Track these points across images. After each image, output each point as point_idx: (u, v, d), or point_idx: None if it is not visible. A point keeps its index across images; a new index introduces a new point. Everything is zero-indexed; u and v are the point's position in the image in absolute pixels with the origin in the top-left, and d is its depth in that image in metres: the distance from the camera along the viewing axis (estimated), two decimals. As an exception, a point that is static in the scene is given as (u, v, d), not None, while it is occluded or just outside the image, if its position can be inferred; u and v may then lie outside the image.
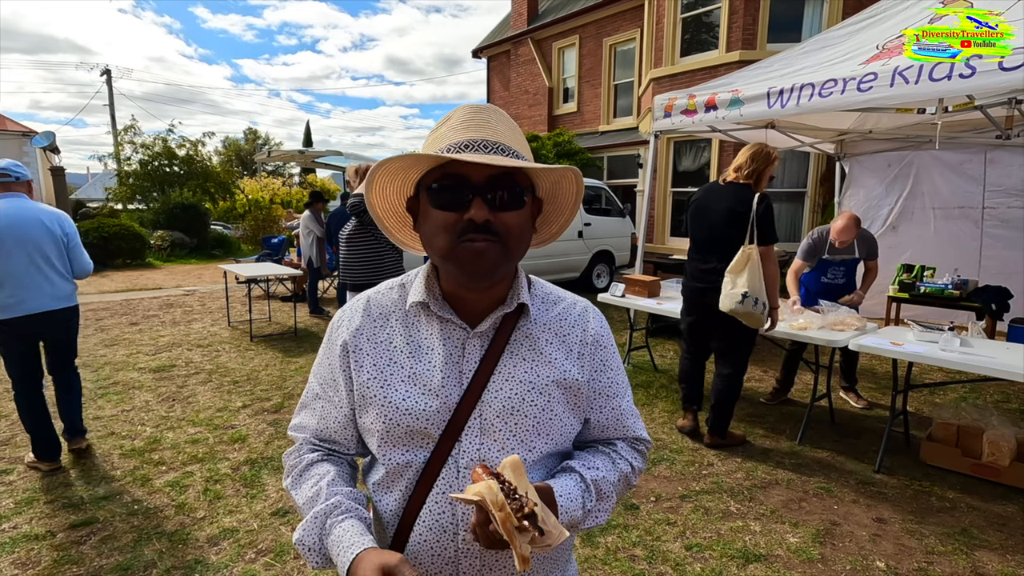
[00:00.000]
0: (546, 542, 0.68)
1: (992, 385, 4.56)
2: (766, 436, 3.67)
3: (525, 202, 0.82)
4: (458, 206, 0.78)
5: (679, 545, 2.50)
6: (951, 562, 2.39)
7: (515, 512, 0.66)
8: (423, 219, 0.84)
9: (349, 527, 0.78)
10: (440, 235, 0.79)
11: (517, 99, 16.05)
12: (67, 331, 3.15)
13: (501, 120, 0.84)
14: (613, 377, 0.95)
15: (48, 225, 2.99)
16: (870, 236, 4.18)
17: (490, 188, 0.78)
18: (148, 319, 7.10)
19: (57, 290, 3.02)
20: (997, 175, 5.33)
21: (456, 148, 0.78)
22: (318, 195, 7.50)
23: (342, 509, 0.81)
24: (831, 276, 4.15)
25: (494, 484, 0.68)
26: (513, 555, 0.66)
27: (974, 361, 2.87)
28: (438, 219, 0.79)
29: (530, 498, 0.69)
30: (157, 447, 3.43)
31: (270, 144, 38.78)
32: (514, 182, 0.80)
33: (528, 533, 0.67)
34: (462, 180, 0.78)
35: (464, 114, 0.83)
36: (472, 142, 0.79)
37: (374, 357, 0.87)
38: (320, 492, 0.83)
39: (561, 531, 0.71)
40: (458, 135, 0.80)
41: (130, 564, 2.32)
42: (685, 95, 4.45)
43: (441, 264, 0.83)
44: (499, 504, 0.66)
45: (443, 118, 0.86)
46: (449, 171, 0.79)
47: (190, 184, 16.10)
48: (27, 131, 22.93)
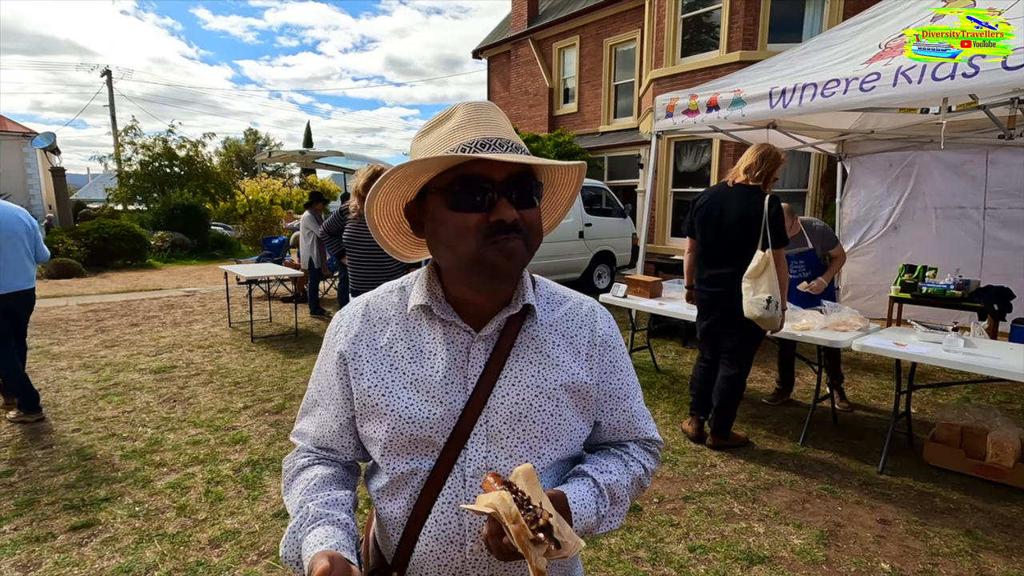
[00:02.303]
0: (562, 553, 0.66)
1: (995, 385, 4.55)
2: (769, 437, 3.66)
3: (538, 199, 0.81)
4: (481, 206, 0.75)
5: (683, 547, 2.49)
6: (956, 564, 2.38)
7: (530, 524, 0.64)
8: (435, 223, 0.80)
9: (312, 538, 0.77)
10: (463, 237, 0.76)
11: (517, 99, 16.04)
12: (31, 306, 3.87)
13: (502, 117, 0.82)
14: (623, 379, 0.93)
15: (24, 220, 3.73)
16: (821, 226, 4.18)
17: (512, 187, 0.76)
18: (149, 320, 7.09)
19: (30, 273, 3.75)
20: (999, 175, 5.32)
21: (472, 147, 0.75)
22: (318, 195, 7.50)
23: (310, 519, 0.80)
24: (793, 271, 4.11)
25: (507, 495, 0.66)
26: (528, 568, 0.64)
27: (978, 362, 2.86)
28: (460, 221, 0.76)
29: (545, 509, 0.67)
30: (158, 448, 3.42)
31: (270, 145, 38.79)
32: (530, 179, 0.79)
33: (543, 545, 0.64)
34: (483, 180, 0.75)
35: (469, 112, 0.80)
36: (488, 140, 0.76)
37: (374, 364, 0.85)
38: (300, 503, 0.83)
39: (577, 541, 0.69)
40: (469, 134, 0.77)
41: (131, 566, 2.31)
42: (687, 95, 4.44)
43: (464, 268, 0.79)
44: (513, 516, 0.64)
45: (439, 116, 0.83)
46: (467, 172, 0.75)
47: (190, 185, 16.11)
48: (28, 132, 22.99)
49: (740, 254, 3.20)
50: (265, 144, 39.89)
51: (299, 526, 0.79)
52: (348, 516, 0.82)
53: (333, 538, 0.76)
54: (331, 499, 0.83)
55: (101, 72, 23.43)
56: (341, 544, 0.75)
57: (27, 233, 3.70)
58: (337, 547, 0.74)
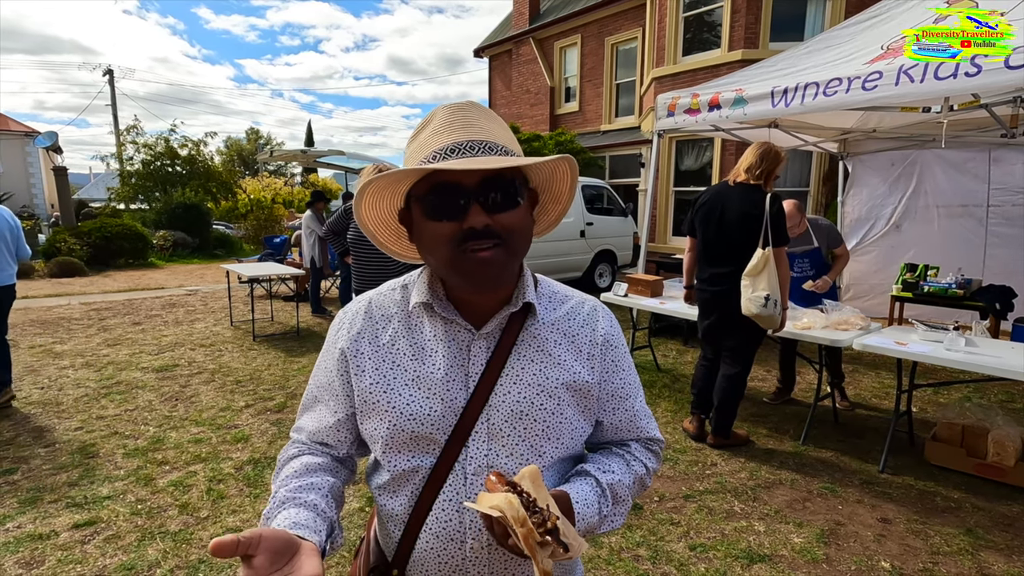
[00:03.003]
0: (568, 555, 0.66)
1: (996, 385, 4.54)
2: (769, 436, 3.66)
3: (522, 199, 0.79)
4: (454, 214, 0.74)
5: (683, 545, 2.49)
6: (956, 562, 2.38)
7: (537, 527, 0.64)
8: (418, 231, 0.80)
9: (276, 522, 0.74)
10: (440, 246, 0.76)
11: (519, 98, 16.04)
12: (11, 301, 4.12)
13: (483, 116, 0.80)
14: (625, 378, 0.93)
15: (8, 220, 4.04)
16: (827, 224, 4.17)
17: (484, 191, 0.74)
18: (151, 319, 7.11)
19: (11, 270, 4.05)
20: (1001, 174, 5.31)
21: (442, 154, 0.75)
22: (320, 194, 7.50)
23: (278, 503, 0.77)
24: (798, 270, 4.10)
25: (514, 498, 0.65)
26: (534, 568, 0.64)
27: (979, 361, 2.86)
28: (435, 230, 0.76)
29: (552, 512, 0.67)
30: (160, 447, 3.43)
31: (272, 144, 38.84)
32: (508, 180, 0.76)
33: (550, 547, 0.64)
34: (454, 188, 0.74)
35: (445, 116, 0.79)
36: (458, 145, 0.75)
37: (376, 361, 0.85)
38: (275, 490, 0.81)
39: (581, 542, 0.69)
40: (442, 139, 0.76)
41: (134, 564, 2.32)
42: (688, 94, 4.44)
43: (445, 274, 0.81)
44: (521, 520, 0.64)
45: (423, 121, 0.82)
46: (439, 179, 0.75)
47: (192, 184, 16.13)
48: (30, 131, 23.03)
49: (741, 253, 3.20)
50: (267, 143, 39.93)
51: (268, 511, 0.77)
52: (317, 496, 0.79)
53: (292, 519, 0.73)
54: (304, 484, 0.80)
55: (103, 71, 23.49)
56: (299, 523, 0.72)
57: (10, 231, 4.02)
58: (294, 527, 0.71)
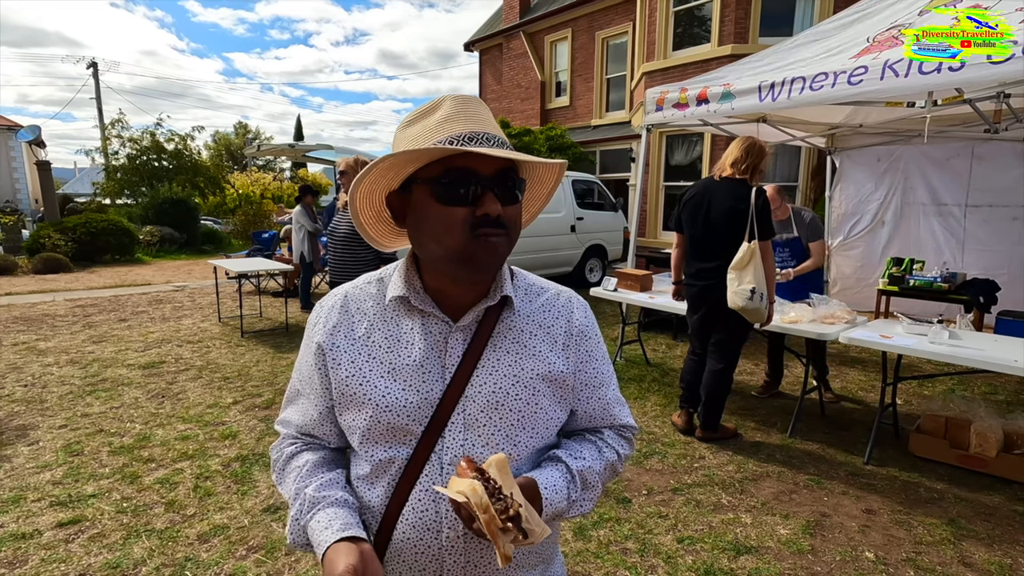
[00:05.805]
0: (528, 541, 0.70)
1: (980, 377, 4.61)
2: (757, 429, 3.69)
3: (521, 195, 0.83)
4: (468, 200, 0.77)
5: (671, 538, 2.51)
6: (939, 552, 2.42)
7: (499, 514, 0.68)
8: (420, 215, 0.81)
9: (316, 524, 0.80)
10: (450, 230, 0.77)
11: (509, 93, 15.99)
12: None
13: (488, 112, 0.84)
14: (599, 367, 0.95)
15: None
16: (810, 217, 4.19)
17: (498, 182, 0.78)
18: (137, 315, 7.03)
19: None
20: (983, 171, 5.37)
21: (461, 141, 0.77)
22: (308, 189, 7.44)
23: (309, 503, 0.83)
24: (778, 258, 4.09)
25: (479, 486, 0.68)
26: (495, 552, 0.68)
27: (963, 353, 2.89)
28: (447, 215, 0.77)
29: (515, 499, 0.70)
30: (146, 444, 3.40)
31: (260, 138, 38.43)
32: (516, 175, 0.80)
33: (511, 533, 0.68)
34: (472, 174, 0.76)
35: (456, 106, 0.81)
36: (475, 135, 0.78)
37: (352, 354, 0.86)
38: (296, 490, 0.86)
39: (544, 529, 0.72)
40: (457, 127, 0.78)
41: (119, 562, 2.30)
42: (677, 88, 4.45)
43: (447, 260, 0.80)
44: (484, 506, 0.67)
45: (425, 107, 0.83)
46: (456, 164, 0.76)
47: (179, 179, 15.96)
48: (12, 125, 22.62)
49: (728, 247, 3.21)
50: (255, 138, 39.52)
51: (300, 513, 0.83)
52: (344, 492, 0.85)
53: (338, 519, 0.79)
54: (325, 480, 0.85)
55: (87, 64, 23.13)
56: (347, 523, 0.79)
57: None
58: (344, 527, 0.78)
